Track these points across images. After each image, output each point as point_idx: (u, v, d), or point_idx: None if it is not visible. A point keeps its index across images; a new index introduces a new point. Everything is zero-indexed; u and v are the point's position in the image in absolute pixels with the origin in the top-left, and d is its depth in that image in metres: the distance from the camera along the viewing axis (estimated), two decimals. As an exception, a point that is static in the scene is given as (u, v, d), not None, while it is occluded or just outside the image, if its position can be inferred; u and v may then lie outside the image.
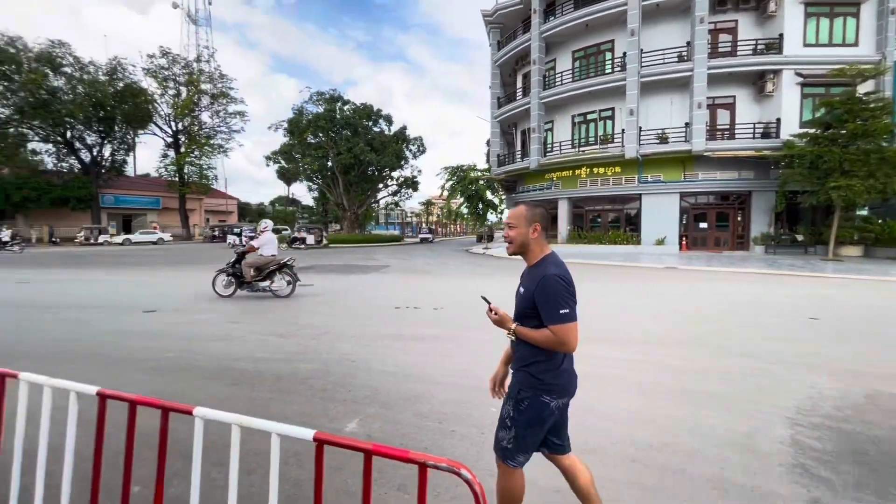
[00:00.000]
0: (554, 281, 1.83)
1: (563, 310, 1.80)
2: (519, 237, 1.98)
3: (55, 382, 1.64)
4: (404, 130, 40.80)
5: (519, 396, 1.92)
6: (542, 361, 1.90)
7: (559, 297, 1.81)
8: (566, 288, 1.83)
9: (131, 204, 46.30)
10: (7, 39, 34.75)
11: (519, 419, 1.91)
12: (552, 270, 1.87)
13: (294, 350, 5.57)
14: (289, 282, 9.73)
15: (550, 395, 1.89)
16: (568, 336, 1.80)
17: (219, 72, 44.81)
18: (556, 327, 1.80)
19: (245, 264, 9.45)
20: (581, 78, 24.22)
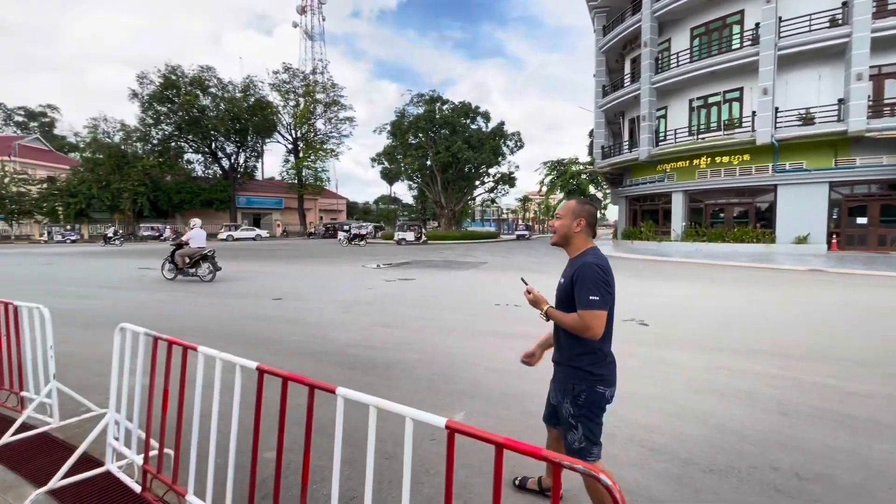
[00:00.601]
0: (592, 269, 1.91)
1: (594, 297, 1.86)
2: (562, 228, 2.08)
3: (224, 356, 1.91)
4: (502, 126, 40.54)
5: (575, 392, 1.98)
6: (589, 354, 1.97)
7: (593, 284, 1.88)
8: (602, 277, 1.90)
9: (260, 204, 52.91)
10: (170, 69, 41.90)
11: (580, 414, 1.98)
12: (591, 260, 1.96)
13: (400, 340, 5.86)
14: (209, 269, 11.62)
15: (603, 384, 1.97)
16: (593, 322, 1.86)
17: (331, 81, 48.98)
18: (583, 312, 1.88)
19: (178, 254, 11.48)
20: (701, 57, 21.73)
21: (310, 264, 17.03)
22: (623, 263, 17.66)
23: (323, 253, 23.63)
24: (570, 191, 27.89)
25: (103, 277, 12.91)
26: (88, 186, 39.38)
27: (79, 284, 11.41)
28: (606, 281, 1.91)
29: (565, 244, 2.11)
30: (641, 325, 6.71)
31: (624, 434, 3.20)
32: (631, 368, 4.70)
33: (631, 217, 27.68)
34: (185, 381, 2.21)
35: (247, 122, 44.27)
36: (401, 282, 11.66)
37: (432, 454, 2.88)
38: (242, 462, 2.48)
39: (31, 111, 64.06)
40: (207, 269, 11.69)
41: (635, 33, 25.06)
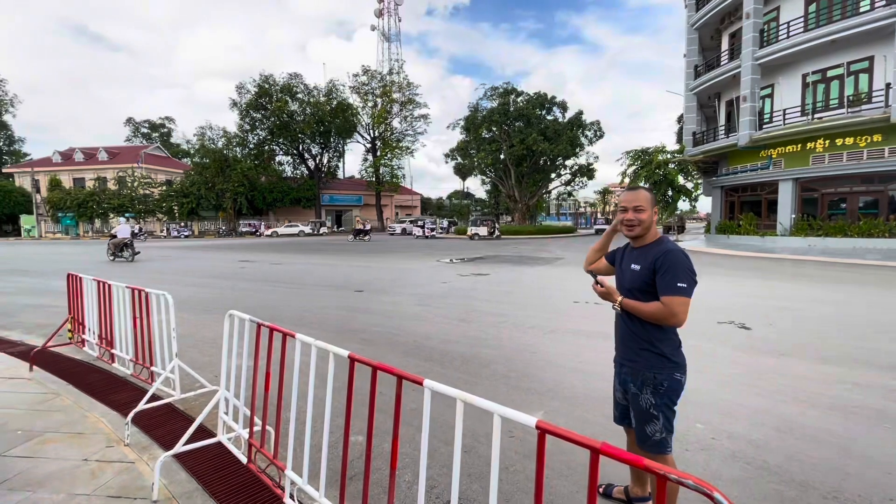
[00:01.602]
0: (679, 255, 1.89)
1: (682, 283, 1.84)
2: (647, 220, 2.02)
3: (319, 344, 2.03)
4: (580, 116, 38.83)
5: (657, 380, 1.93)
6: (668, 341, 1.94)
7: (681, 271, 1.86)
8: (689, 264, 1.89)
9: (341, 202, 56.11)
10: (263, 78, 45.78)
11: (661, 403, 1.92)
12: (673, 247, 1.95)
13: (476, 335, 5.86)
14: (130, 253, 17.10)
15: (681, 371, 1.95)
16: (679, 308, 1.84)
17: (406, 81, 50.35)
18: (670, 298, 1.84)
19: (110, 243, 17.31)
20: (820, 25, 18.93)
21: (387, 259, 17.70)
22: (718, 260, 16.08)
23: (399, 248, 24.45)
24: (657, 181, 25.81)
25: (210, 269, 14.52)
26: (198, 188, 44.54)
27: (192, 275, 12.95)
28: (692, 268, 1.90)
29: (645, 234, 2.06)
30: (742, 328, 6.06)
31: (726, 448, 2.90)
32: (733, 377, 4.26)
33: (727, 209, 25.07)
34: (285, 364, 2.39)
35: (330, 124, 47.08)
36: (474, 276, 11.68)
37: (510, 451, 2.84)
38: (333, 443, 2.63)
39: (153, 123, 74.03)
40: (129, 253, 17.07)
41: (735, 5, 22.50)
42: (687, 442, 2.99)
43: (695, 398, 3.74)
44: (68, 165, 52.31)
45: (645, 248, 2.04)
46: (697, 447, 2.92)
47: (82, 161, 52.57)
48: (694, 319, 6.55)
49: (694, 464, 2.73)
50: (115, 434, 3.09)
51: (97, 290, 4.43)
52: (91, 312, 4.58)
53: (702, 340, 5.52)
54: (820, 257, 15.40)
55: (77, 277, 4.76)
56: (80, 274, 4.77)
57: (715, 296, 8.81)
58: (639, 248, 2.08)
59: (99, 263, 16.51)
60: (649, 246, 2.03)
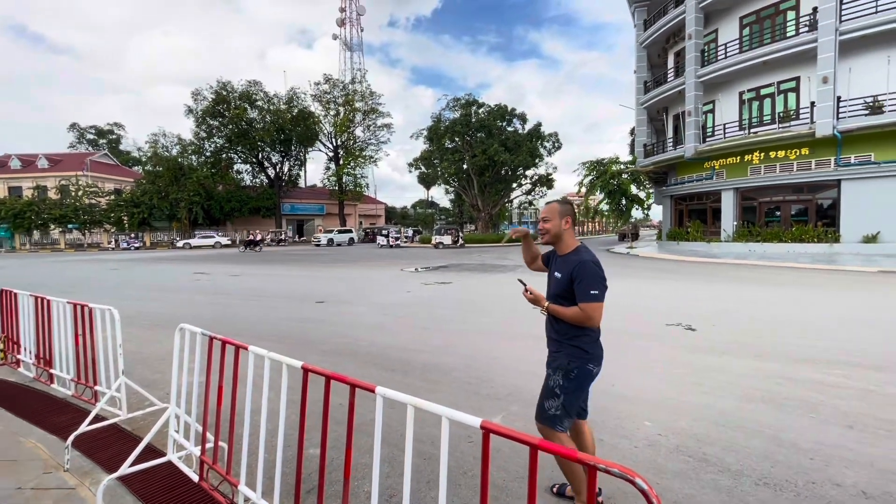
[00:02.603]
0: (591, 266, 2.15)
1: (594, 291, 2.11)
2: (553, 228, 2.30)
3: (272, 355, 2.03)
4: (539, 128, 40.05)
5: (569, 367, 2.20)
6: (586, 336, 2.22)
7: (593, 280, 2.13)
8: (600, 273, 2.15)
9: (303, 211, 54.86)
10: (221, 85, 44.38)
11: (568, 386, 2.20)
12: (588, 257, 2.19)
13: (439, 343, 5.91)
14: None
15: (594, 363, 2.22)
16: (594, 313, 2.12)
17: (369, 90, 50.15)
18: (585, 305, 2.12)
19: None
20: (752, 47, 20.54)
21: (351, 268, 17.49)
22: (669, 266, 16.94)
23: (363, 257, 24.20)
24: (611, 191, 26.95)
25: (162, 281, 13.84)
26: (150, 197, 42.35)
27: (141, 288, 12.30)
28: (602, 276, 2.16)
29: (556, 242, 2.35)
30: (688, 329, 6.43)
31: (671, 443, 3.09)
32: (678, 376, 4.52)
33: (676, 217, 26.51)
34: (237, 378, 2.36)
35: (291, 133, 46.10)
36: (438, 285, 11.76)
37: (469, 456, 2.90)
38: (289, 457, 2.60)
39: (101, 129, 69.85)
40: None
41: (679, 26, 24.07)
42: (636, 439, 3.16)
43: (644, 397, 3.95)
44: (3, 173, 48.45)
45: (565, 258, 2.30)
46: (645, 443, 3.09)
47: (19, 168, 48.86)
48: (644, 322, 6.92)
49: (642, 459, 2.89)
50: (54, 459, 2.92)
51: (34, 307, 4.16)
52: (27, 330, 4.29)
53: (652, 342, 5.83)
54: (759, 261, 16.56)
55: (11, 293, 4.45)
56: (15, 290, 4.47)
57: (664, 300, 9.30)
58: (561, 256, 2.34)
59: (38, 280, 15.36)
60: (568, 256, 2.29)
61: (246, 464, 2.14)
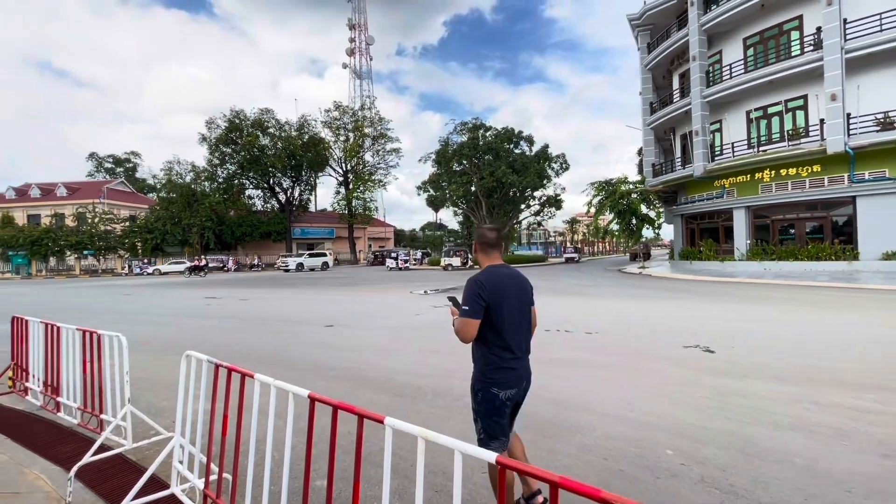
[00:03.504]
0: (469, 282, 2.20)
1: (465, 306, 2.15)
2: (476, 256, 2.47)
3: (278, 384, 1.97)
4: (546, 149, 40.39)
5: (474, 389, 2.25)
6: (482, 358, 2.24)
7: (466, 296, 2.17)
8: (475, 290, 2.15)
9: (313, 235, 55.45)
10: (234, 113, 45.71)
11: (479, 409, 2.22)
12: (473, 276, 2.24)
13: (450, 368, 5.79)
14: None
15: (497, 387, 2.18)
16: (462, 327, 2.16)
17: (378, 116, 51.28)
18: (456, 319, 2.21)
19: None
20: (757, 66, 20.69)
21: (360, 292, 17.45)
22: (682, 285, 16.65)
23: (372, 280, 24.19)
24: (621, 211, 26.84)
25: (174, 306, 13.91)
26: (163, 223, 43.17)
27: (153, 313, 12.35)
28: (478, 293, 2.14)
29: (478, 263, 2.50)
30: (706, 351, 6.23)
31: (695, 474, 2.92)
32: (698, 400, 4.34)
33: (688, 236, 26.24)
34: (243, 407, 2.29)
35: (301, 158, 47.06)
36: (447, 307, 11.64)
37: (483, 488, 2.77)
38: (295, 489, 2.50)
39: (118, 158, 72.10)
40: None
41: (682, 48, 24.40)
42: (658, 469, 3.00)
43: (664, 423, 3.78)
44: (23, 202, 49.94)
45: None
46: (668, 474, 2.93)
47: (39, 197, 50.35)
48: (660, 343, 6.73)
49: (665, 491, 2.73)
50: (57, 492, 2.85)
51: (44, 334, 4.16)
52: (36, 358, 4.28)
53: (669, 365, 5.64)
54: (775, 280, 16.20)
55: (22, 321, 4.46)
56: (27, 317, 4.49)
57: (680, 320, 9.08)
58: None
59: (53, 305, 15.55)
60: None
61: (251, 496, 2.05)
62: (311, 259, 39.29)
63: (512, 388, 2.21)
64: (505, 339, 2.19)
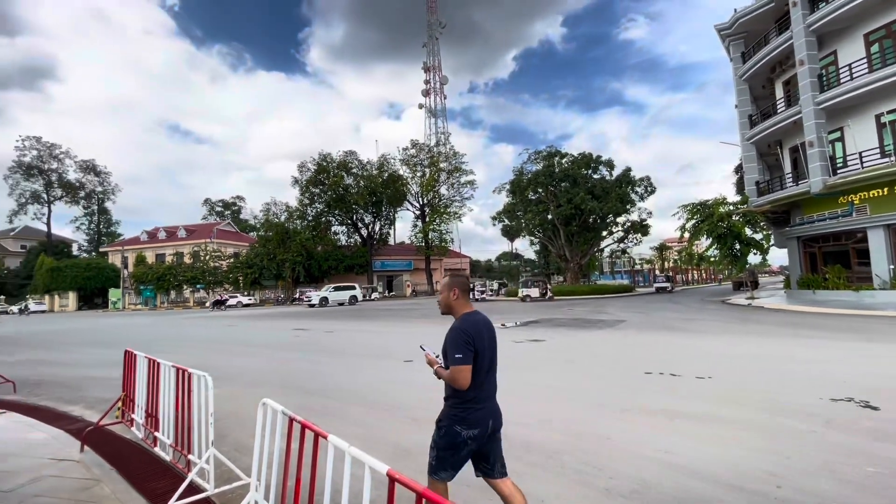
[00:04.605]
0: (455, 332, 2.29)
1: (458, 355, 2.22)
2: (444, 300, 2.50)
3: (353, 452, 1.68)
4: (628, 173, 38.29)
5: (440, 424, 2.35)
6: (454, 397, 2.32)
7: (456, 345, 2.24)
8: (463, 338, 2.25)
9: (392, 267, 57.43)
10: (321, 157, 49.79)
11: (439, 442, 2.32)
12: (457, 325, 2.33)
13: (538, 415, 5.21)
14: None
15: (462, 425, 2.27)
16: (458, 375, 2.22)
17: (452, 151, 52.73)
18: (451, 368, 2.24)
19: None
20: (888, 64, 17.83)
21: (438, 324, 17.31)
22: (807, 319, 14.20)
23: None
24: (720, 235, 24.08)
25: (266, 338, 14.79)
26: (261, 259, 47.48)
27: (247, 344, 13.19)
28: (465, 340, 2.25)
29: (450, 312, 2.50)
30: (866, 407, 4.97)
31: None
32: (874, 479, 3.33)
33: (807, 261, 22.71)
34: (317, 468, 2.04)
35: (381, 195, 49.61)
36: (530, 343, 10.96)
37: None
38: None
39: (226, 202, 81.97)
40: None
41: (785, 53, 21.94)
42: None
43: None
44: (153, 243, 58.13)
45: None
46: None
47: (164, 238, 58.31)
48: (797, 394, 5.51)
49: None
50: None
51: (147, 368, 4.38)
52: (141, 391, 4.52)
53: (817, 424, 4.53)
54: (938, 314, 13.18)
55: (132, 354, 4.78)
56: (139, 349, 4.80)
57: (817, 364, 7.55)
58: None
59: (165, 333, 17.36)
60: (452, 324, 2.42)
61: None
62: (337, 293, 37.15)
63: (476, 427, 2.30)
64: (479, 382, 2.31)
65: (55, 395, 7.29)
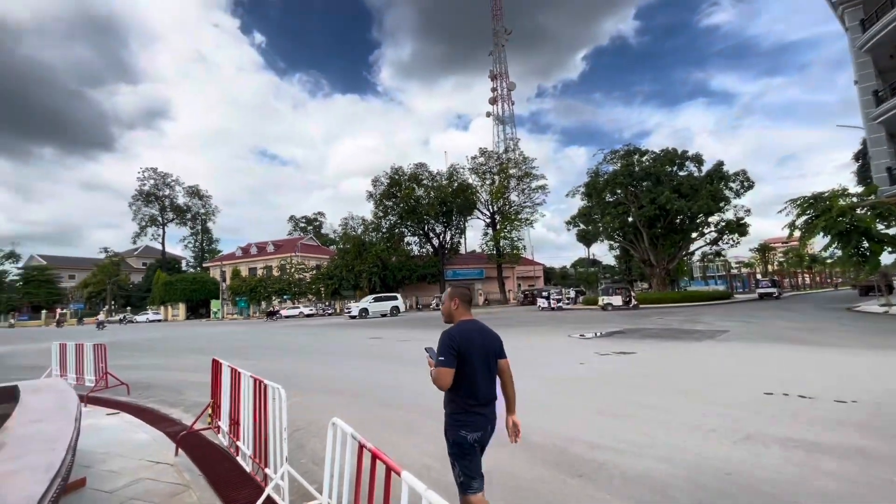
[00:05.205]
0: (443, 336, 2.50)
1: (440, 357, 2.43)
2: (446, 310, 2.72)
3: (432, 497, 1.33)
4: (720, 167, 34.60)
5: (447, 435, 2.49)
6: (452, 403, 2.50)
7: (440, 348, 2.46)
8: (448, 342, 2.45)
9: (464, 276, 57.39)
10: (394, 170, 51.42)
11: (452, 452, 2.45)
12: (447, 330, 2.53)
13: (638, 440, 4.53)
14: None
15: (465, 429, 2.42)
16: (437, 375, 2.42)
17: (522, 156, 51.73)
18: (434, 369, 2.44)
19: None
20: None
21: (514, 334, 16.68)
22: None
23: (525, 322, 23.22)
24: (842, 232, 20.63)
25: (344, 346, 15.21)
26: (340, 270, 49.94)
27: (325, 353, 13.62)
28: (450, 345, 2.42)
29: (451, 321, 2.64)
30: None
31: None
32: None
33: (963, 260, 18.70)
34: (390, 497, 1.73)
35: (452, 204, 49.97)
36: (618, 356, 10.01)
37: None
38: None
39: (309, 218, 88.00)
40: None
41: (920, 14, 18.55)
42: None
43: None
44: (246, 258, 63.83)
45: None
46: None
47: (256, 254, 63.75)
48: None
49: None
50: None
51: (230, 377, 4.45)
52: (226, 399, 4.61)
53: None
54: None
55: (218, 363, 4.92)
56: (222, 360, 4.94)
57: None
58: None
59: (247, 343, 18.61)
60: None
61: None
62: (377, 304, 36.07)
63: (478, 430, 2.40)
64: (471, 387, 2.42)
65: (160, 397, 7.91)
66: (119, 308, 63.29)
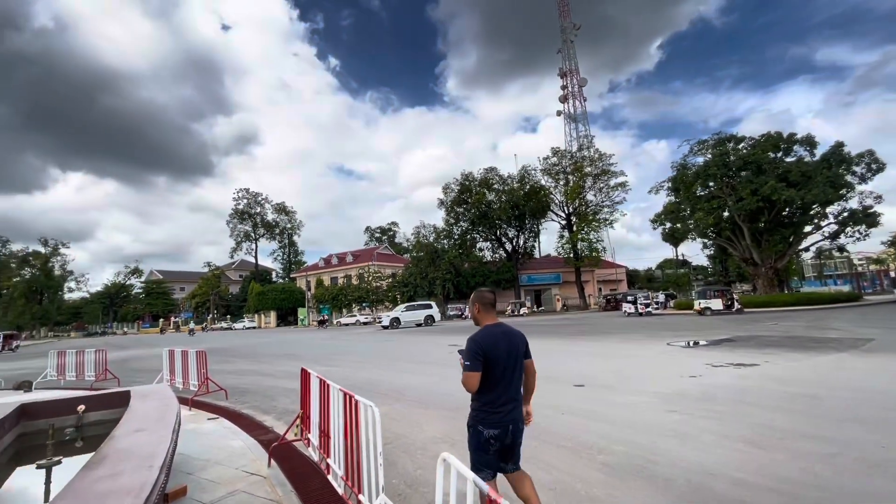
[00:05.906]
0: (469, 342, 2.64)
1: (466, 362, 2.58)
2: (471, 314, 2.96)
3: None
4: (839, 149, 29.84)
5: (467, 426, 2.70)
6: (474, 401, 2.67)
7: (466, 354, 2.61)
8: (473, 348, 2.59)
9: (539, 281, 55.59)
10: (464, 177, 51.42)
11: (471, 442, 2.66)
12: (473, 335, 2.68)
13: (798, 479, 3.59)
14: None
15: (483, 425, 2.58)
16: (465, 380, 2.59)
17: (598, 153, 49.10)
18: (463, 373, 2.60)
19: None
20: None
21: (602, 342, 15.44)
22: None
23: (612, 328, 21.59)
24: None
25: (424, 353, 15.05)
26: (414, 278, 50.82)
27: (407, 360, 13.50)
28: (474, 350, 2.57)
29: (477, 323, 2.85)
30: None
31: None
32: None
33: None
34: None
35: (524, 208, 48.76)
36: (735, 368, 8.65)
37: None
38: None
39: (383, 228, 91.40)
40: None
41: None
42: None
43: None
44: (328, 268, 67.56)
45: None
46: None
47: (336, 264, 67.24)
48: None
49: None
50: None
51: (319, 389, 4.25)
52: (315, 411, 4.43)
53: None
54: None
55: (307, 373, 4.78)
56: (310, 370, 4.79)
57: None
58: None
59: (331, 350, 19.19)
60: None
61: None
62: (410, 313, 34.11)
63: (496, 428, 2.56)
64: (494, 388, 2.59)
65: (254, 403, 8.16)
66: (219, 316, 70.19)
